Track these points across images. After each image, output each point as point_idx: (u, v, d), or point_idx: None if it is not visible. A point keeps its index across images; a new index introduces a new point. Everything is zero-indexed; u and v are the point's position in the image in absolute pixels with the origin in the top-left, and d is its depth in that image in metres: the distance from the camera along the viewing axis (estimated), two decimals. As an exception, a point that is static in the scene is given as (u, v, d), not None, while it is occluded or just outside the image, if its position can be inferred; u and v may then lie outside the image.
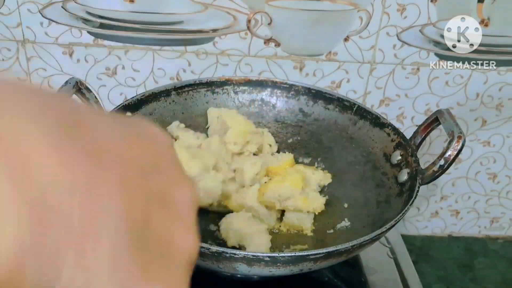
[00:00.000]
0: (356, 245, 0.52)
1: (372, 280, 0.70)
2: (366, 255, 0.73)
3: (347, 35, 0.89)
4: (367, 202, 0.69)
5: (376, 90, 0.96)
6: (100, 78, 0.92)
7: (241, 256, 0.49)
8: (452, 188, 1.11)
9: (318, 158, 0.79)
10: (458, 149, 0.58)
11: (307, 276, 0.66)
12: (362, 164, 0.74)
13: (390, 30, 0.88)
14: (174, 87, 0.76)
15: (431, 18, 0.87)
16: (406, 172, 0.65)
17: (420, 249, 1.15)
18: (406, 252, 0.76)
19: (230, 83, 0.80)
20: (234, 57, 0.90)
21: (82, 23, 0.86)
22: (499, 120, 1.01)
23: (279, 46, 0.89)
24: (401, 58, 0.92)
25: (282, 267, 0.51)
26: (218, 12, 0.86)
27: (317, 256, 0.51)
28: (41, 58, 0.89)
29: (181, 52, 0.89)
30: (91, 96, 0.64)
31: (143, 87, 0.93)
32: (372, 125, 0.74)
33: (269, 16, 0.86)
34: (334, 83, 0.94)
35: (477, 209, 1.14)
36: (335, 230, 0.67)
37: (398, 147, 0.69)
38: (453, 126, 0.60)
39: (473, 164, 1.07)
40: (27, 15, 0.85)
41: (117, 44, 0.88)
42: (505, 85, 0.96)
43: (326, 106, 0.79)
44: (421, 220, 1.16)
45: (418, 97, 0.97)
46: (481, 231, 1.18)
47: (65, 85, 0.60)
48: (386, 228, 0.54)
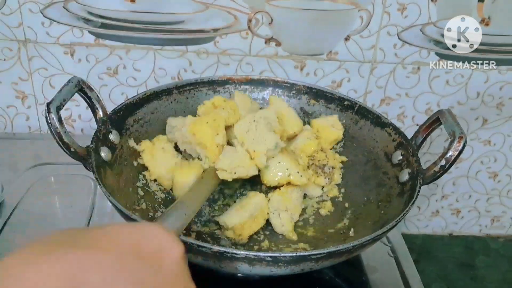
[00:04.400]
0: (357, 245, 0.52)
1: (373, 279, 0.70)
2: (367, 254, 0.73)
3: (348, 35, 0.89)
4: (368, 202, 0.69)
5: (377, 89, 0.96)
6: (102, 78, 0.92)
7: (242, 256, 0.49)
8: (453, 187, 1.11)
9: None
10: (459, 149, 0.58)
11: (308, 275, 0.66)
12: (363, 163, 0.74)
13: (391, 30, 0.88)
14: (175, 86, 0.76)
15: (432, 18, 0.87)
16: (407, 172, 0.65)
17: (421, 248, 1.15)
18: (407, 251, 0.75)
19: (232, 82, 0.80)
20: (235, 57, 0.90)
21: (83, 23, 0.86)
22: (500, 119, 1.01)
23: (280, 45, 0.89)
24: (401, 58, 0.92)
25: (283, 267, 0.51)
26: (219, 11, 0.86)
27: (318, 256, 0.51)
28: (42, 58, 0.89)
29: (182, 52, 0.89)
30: (93, 95, 0.64)
31: (144, 87, 0.93)
32: (373, 124, 0.74)
33: (270, 16, 0.86)
34: (334, 82, 0.94)
35: (478, 208, 1.14)
36: (336, 229, 0.67)
37: (399, 147, 0.69)
38: (455, 127, 0.60)
39: (474, 163, 1.07)
40: (28, 15, 0.85)
41: (118, 43, 0.88)
42: (505, 84, 0.96)
43: (327, 106, 0.79)
44: (422, 219, 1.16)
45: (419, 96, 0.97)
46: (481, 230, 1.18)
47: (67, 84, 0.60)
48: (387, 228, 0.54)
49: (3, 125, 0.97)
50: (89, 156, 0.59)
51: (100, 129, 0.64)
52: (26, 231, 0.71)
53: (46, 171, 0.84)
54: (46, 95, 0.94)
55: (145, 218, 0.62)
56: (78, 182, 0.81)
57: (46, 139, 0.91)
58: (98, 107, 0.65)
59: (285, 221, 0.66)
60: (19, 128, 0.98)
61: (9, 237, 0.69)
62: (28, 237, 0.70)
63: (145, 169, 0.70)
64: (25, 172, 0.83)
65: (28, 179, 0.81)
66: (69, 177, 0.82)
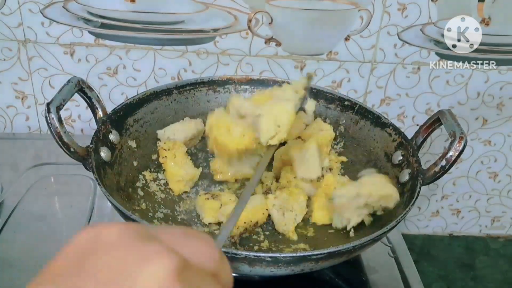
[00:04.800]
0: (357, 245, 0.52)
1: (373, 279, 0.70)
2: (367, 255, 0.73)
3: (348, 35, 0.89)
4: (368, 202, 0.69)
5: (377, 90, 0.95)
6: (101, 78, 0.92)
7: (242, 256, 0.49)
8: (453, 187, 1.11)
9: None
10: (460, 150, 0.58)
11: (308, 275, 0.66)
12: (363, 163, 0.74)
13: (391, 30, 0.88)
14: (175, 86, 0.76)
15: (432, 17, 0.87)
16: (408, 172, 0.65)
17: (421, 248, 1.15)
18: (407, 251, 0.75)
19: (232, 82, 0.80)
20: (235, 57, 0.90)
21: (83, 23, 0.86)
22: (500, 119, 1.01)
23: (280, 45, 0.89)
24: (401, 58, 0.91)
25: (283, 267, 0.51)
26: (219, 11, 0.86)
27: (319, 256, 0.51)
28: (42, 58, 0.89)
29: (182, 52, 0.89)
30: (93, 95, 0.64)
31: (144, 87, 0.93)
32: (373, 125, 0.74)
33: (270, 16, 0.86)
34: (335, 82, 0.94)
35: (478, 208, 1.14)
36: (336, 230, 0.67)
37: (399, 147, 0.69)
38: (455, 127, 0.60)
39: (474, 163, 1.07)
40: (28, 15, 0.85)
41: (118, 43, 0.88)
42: (506, 84, 0.96)
43: (327, 106, 0.78)
44: (422, 219, 1.16)
45: (419, 96, 0.97)
46: (482, 230, 1.18)
47: (67, 84, 0.60)
48: (388, 228, 0.54)
49: (3, 125, 0.97)
50: (89, 156, 0.59)
51: (100, 129, 0.64)
52: (26, 231, 0.71)
53: (46, 171, 0.83)
54: (46, 95, 0.94)
55: (144, 218, 0.62)
56: (78, 182, 0.81)
57: (46, 139, 0.91)
58: (98, 107, 0.65)
59: (288, 220, 0.66)
60: (19, 128, 0.98)
61: (9, 237, 0.69)
62: (28, 237, 0.70)
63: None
64: (25, 172, 0.83)
65: (28, 179, 0.81)
66: (69, 177, 0.82)
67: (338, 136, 0.78)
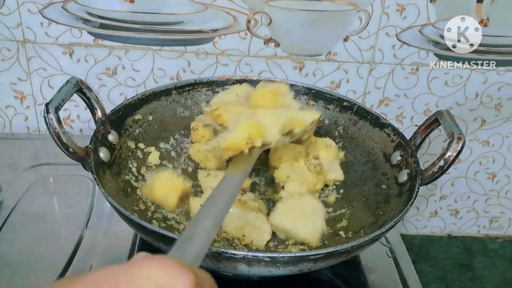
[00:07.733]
0: (355, 245, 0.52)
1: (372, 280, 0.70)
2: (365, 255, 0.73)
3: (347, 35, 0.89)
4: (367, 202, 0.69)
5: (376, 90, 0.96)
6: (100, 78, 0.92)
7: (241, 256, 0.49)
8: (451, 188, 1.11)
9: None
10: (458, 150, 0.59)
11: (307, 275, 0.66)
12: (362, 164, 0.74)
13: (390, 30, 0.88)
14: (175, 87, 0.76)
15: (431, 18, 0.87)
16: (406, 172, 0.65)
17: (420, 248, 1.15)
18: (405, 252, 0.76)
19: (231, 82, 0.80)
20: (234, 57, 0.90)
21: (82, 23, 0.86)
22: (498, 120, 1.01)
23: (279, 46, 0.89)
24: (400, 58, 0.92)
25: (281, 267, 0.51)
26: (218, 12, 0.86)
27: (317, 256, 0.51)
28: (41, 58, 0.89)
29: (181, 52, 0.89)
30: (92, 95, 0.64)
31: (143, 87, 0.93)
32: (372, 125, 0.74)
33: (269, 16, 0.86)
34: (333, 83, 0.94)
35: (476, 208, 1.14)
36: (334, 230, 0.67)
37: (398, 147, 0.69)
38: (453, 127, 0.60)
39: (473, 164, 1.08)
40: (27, 15, 0.85)
41: (117, 44, 0.88)
42: (504, 85, 0.96)
43: (326, 106, 0.79)
44: (420, 219, 1.16)
45: (418, 97, 0.97)
46: (480, 230, 1.18)
47: (66, 85, 0.60)
48: (386, 228, 0.54)
49: (1, 125, 0.97)
50: (88, 157, 0.59)
51: (99, 129, 0.64)
52: (25, 232, 0.71)
53: (45, 171, 0.83)
54: (45, 95, 0.94)
55: (143, 219, 0.62)
56: (77, 182, 0.81)
57: (45, 140, 0.91)
58: (97, 108, 0.65)
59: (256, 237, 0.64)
60: (18, 129, 0.98)
61: (8, 238, 0.69)
62: (27, 237, 0.70)
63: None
64: (24, 173, 0.83)
65: (27, 180, 0.81)
66: (67, 178, 0.82)
67: (337, 136, 0.78)
